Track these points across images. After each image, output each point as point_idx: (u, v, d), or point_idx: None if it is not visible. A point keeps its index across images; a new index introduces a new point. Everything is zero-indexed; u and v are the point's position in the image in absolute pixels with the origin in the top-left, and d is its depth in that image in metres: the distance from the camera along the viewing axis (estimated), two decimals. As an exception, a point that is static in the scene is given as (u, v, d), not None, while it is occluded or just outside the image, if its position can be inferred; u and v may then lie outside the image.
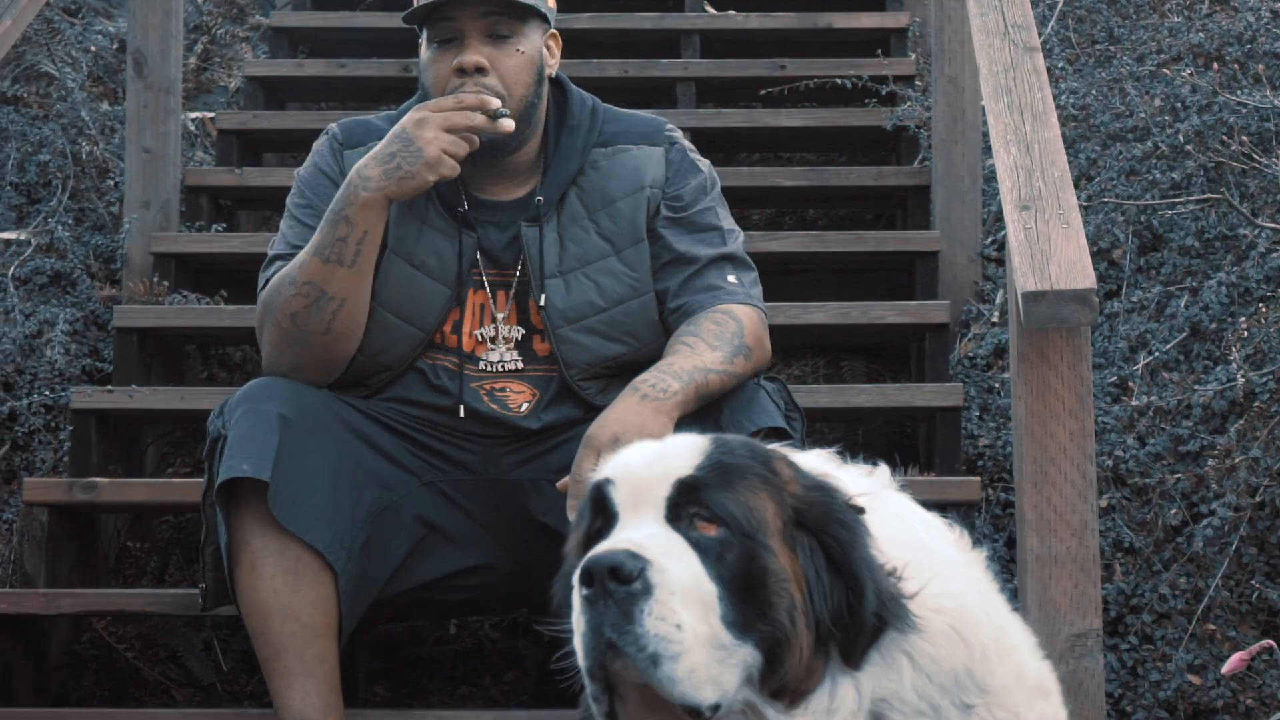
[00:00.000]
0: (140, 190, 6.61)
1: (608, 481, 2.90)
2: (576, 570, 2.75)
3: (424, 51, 4.42)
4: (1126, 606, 5.40)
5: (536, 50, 4.41)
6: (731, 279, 4.37)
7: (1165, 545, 5.50)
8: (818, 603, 2.82)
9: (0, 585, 5.51)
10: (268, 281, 4.40)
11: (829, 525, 2.87)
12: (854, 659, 2.84)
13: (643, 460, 2.90)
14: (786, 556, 2.83)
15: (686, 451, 2.90)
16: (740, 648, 2.75)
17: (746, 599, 2.76)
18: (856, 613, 2.82)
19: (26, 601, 5.13)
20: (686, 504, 2.83)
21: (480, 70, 4.32)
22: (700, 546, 2.79)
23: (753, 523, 2.82)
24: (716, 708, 2.74)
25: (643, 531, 2.79)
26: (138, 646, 5.54)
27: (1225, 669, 3.94)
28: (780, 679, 2.79)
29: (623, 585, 2.69)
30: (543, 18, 4.43)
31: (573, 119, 4.51)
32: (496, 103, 4.26)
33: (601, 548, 2.74)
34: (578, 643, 2.76)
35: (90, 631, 5.54)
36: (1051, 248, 4.16)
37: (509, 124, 4.28)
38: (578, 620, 2.75)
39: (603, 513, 2.89)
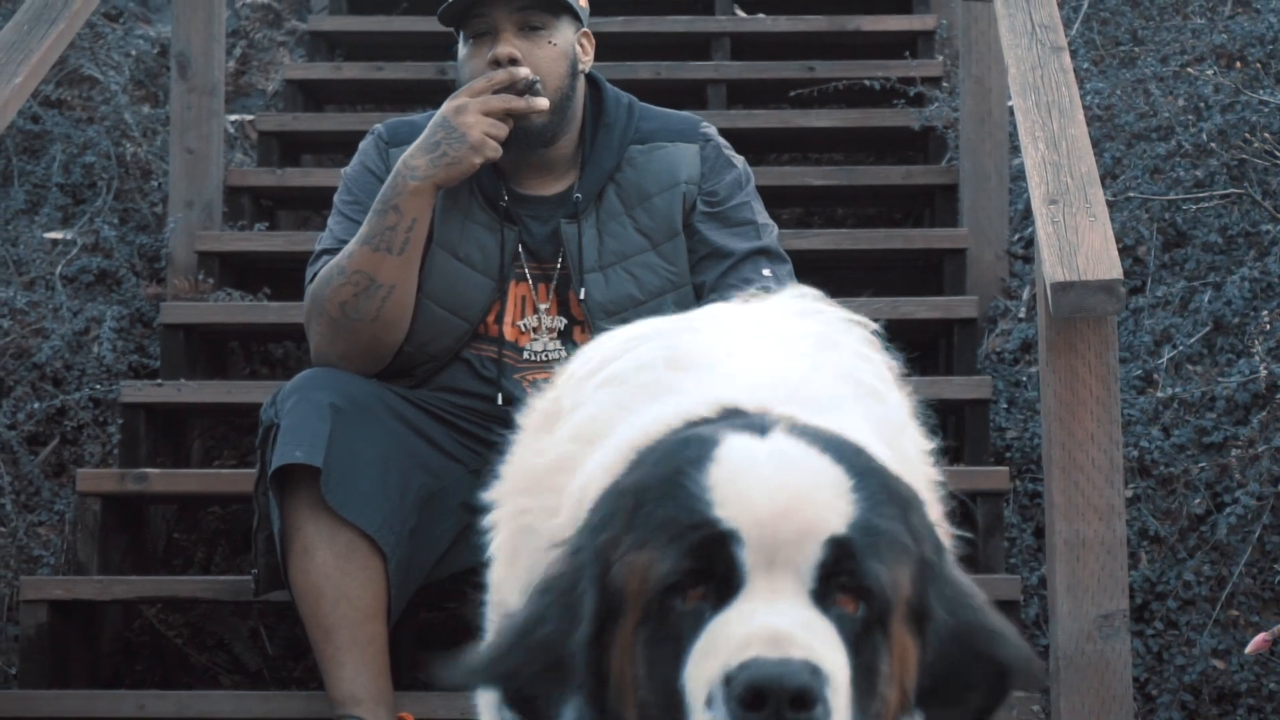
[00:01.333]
0: (184, 190, 6.74)
1: (732, 535, 2.33)
2: (728, 685, 2.24)
3: (460, 48, 4.56)
4: (1152, 593, 5.52)
5: (569, 44, 4.55)
6: (767, 272, 4.49)
7: (1189, 533, 5.61)
8: (916, 679, 2.44)
9: (54, 574, 5.65)
10: (315, 275, 4.53)
11: (949, 606, 2.45)
12: None
13: (776, 507, 2.35)
14: (902, 637, 2.41)
15: (831, 493, 2.38)
16: None
17: (863, 685, 2.35)
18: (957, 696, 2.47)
19: (81, 588, 5.28)
20: (836, 574, 2.35)
21: (514, 61, 4.45)
22: (840, 626, 2.34)
23: (890, 602, 2.38)
24: None
25: (791, 615, 2.30)
26: (186, 633, 5.68)
27: (1249, 649, 4.06)
28: None
29: (804, 712, 2.22)
30: (575, 15, 4.57)
31: (609, 116, 4.64)
32: (525, 72, 4.39)
33: (768, 655, 2.24)
34: None
35: (141, 619, 5.68)
36: (1079, 240, 4.29)
37: (542, 101, 4.41)
38: None
39: (717, 565, 2.33)
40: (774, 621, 2.28)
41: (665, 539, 2.35)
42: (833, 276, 6.78)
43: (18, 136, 7.20)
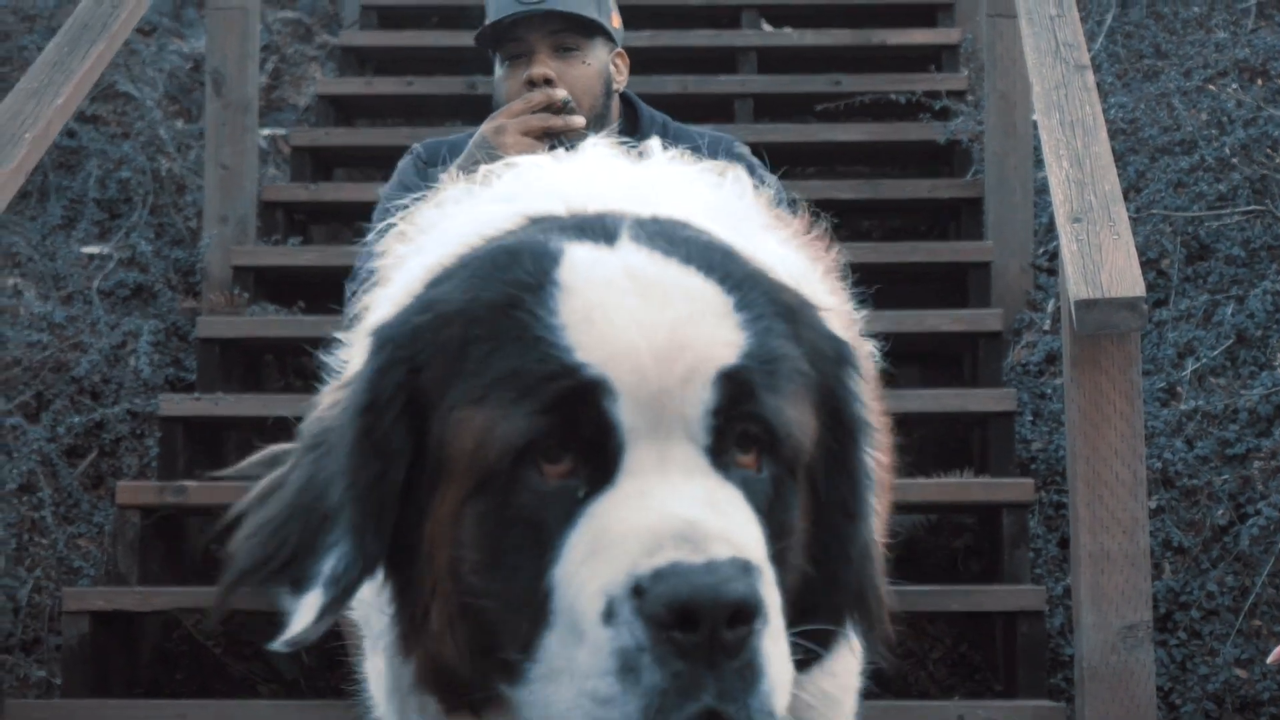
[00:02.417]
0: (219, 205, 6.84)
1: (601, 387, 1.84)
2: (638, 597, 1.77)
3: (497, 69, 4.65)
4: (1175, 603, 5.59)
5: (603, 65, 4.63)
6: (798, 289, 4.56)
7: (1213, 544, 5.68)
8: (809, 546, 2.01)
9: (94, 585, 5.75)
10: (355, 292, 4.61)
11: (843, 456, 2.00)
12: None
13: (654, 344, 1.85)
14: (805, 494, 1.97)
15: (713, 316, 1.89)
16: None
17: (776, 559, 1.90)
18: (833, 583, 2.02)
19: (122, 599, 5.38)
20: (733, 420, 1.87)
21: (548, 81, 4.54)
22: (747, 491, 1.88)
23: (800, 448, 1.94)
24: None
25: (695, 493, 1.82)
26: (224, 643, 5.77)
27: (1270, 659, 4.12)
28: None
29: (742, 627, 1.78)
30: (609, 36, 4.65)
31: (643, 135, 4.71)
32: (562, 93, 4.47)
33: (689, 560, 1.76)
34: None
35: (180, 629, 5.77)
36: (1102, 258, 4.37)
37: (579, 119, 4.48)
38: (615, 673, 1.78)
39: (585, 428, 1.84)
40: (681, 509, 1.80)
41: (512, 394, 1.83)
42: (858, 290, 6.93)
43: (54, 152, 7.29)
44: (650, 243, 1.94)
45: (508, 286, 1.89)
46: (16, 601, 5.69)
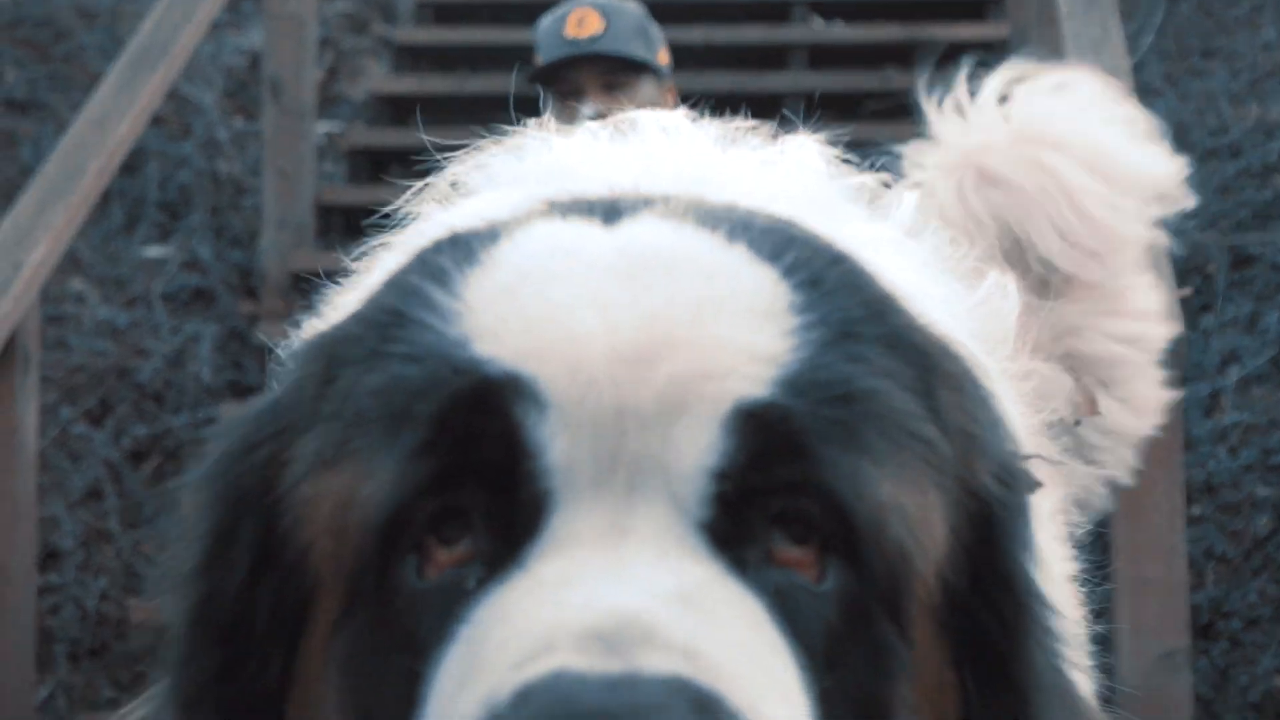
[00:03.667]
0: (277, 210, 6.96)
1: (511, 388, 1.12)
2: None
3: (548, 108, 4.77)
4: (1217, 613, 5.67)
5: (651, 101, 4.73)
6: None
7: (1254, 554, 5.75)
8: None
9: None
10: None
11: (1008, 590, 1.22)
12: None
13: (620, 330, 1.14)
14: (929, 643, 1.20)
15: (744, 310, 1.16)
16: None
17: None
18: None
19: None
20: (760, 490, 1.12)
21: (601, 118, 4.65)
22: (785, 605, 1.12)
23: (899, 559, 1.15)
24: None
25: (656, 578, 1.08)
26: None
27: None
28: None
29: None
30: (656, 72, 4.76)
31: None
32: None
33: (591, 669, 1.03)
34: None
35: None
36: (1141, 293, 4.44)
37: None
38: None
39: (487, 471, 1.13)
40: (619, 597, 1.06)
41: (377, 432, 1.14)
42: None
43: (116, 155, 7.42)
44: (682, 218, 1.23)
45: (415, 279, 1.21)
46: (85, 610, 5.83)
